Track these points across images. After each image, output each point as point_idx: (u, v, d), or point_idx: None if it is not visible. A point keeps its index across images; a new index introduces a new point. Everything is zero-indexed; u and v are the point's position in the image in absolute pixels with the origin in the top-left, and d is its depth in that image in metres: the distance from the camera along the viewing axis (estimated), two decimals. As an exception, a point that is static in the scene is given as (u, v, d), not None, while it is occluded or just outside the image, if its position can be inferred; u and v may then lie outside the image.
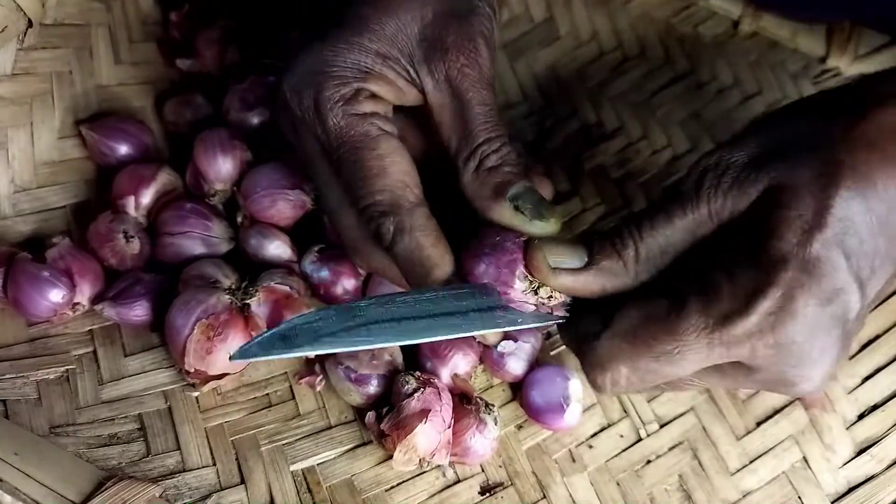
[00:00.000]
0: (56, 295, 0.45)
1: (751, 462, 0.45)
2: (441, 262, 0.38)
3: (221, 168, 0.49)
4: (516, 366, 0.46)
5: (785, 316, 0.33)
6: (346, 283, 0.47)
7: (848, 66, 0.58)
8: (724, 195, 0.35)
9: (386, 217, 0.38)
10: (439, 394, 0.43)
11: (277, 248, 0.48)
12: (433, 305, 0.37)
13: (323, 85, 0.38)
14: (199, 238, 0.48)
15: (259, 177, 0.49)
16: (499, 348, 0.45)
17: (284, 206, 0.48)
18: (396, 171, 0.38)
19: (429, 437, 0.42)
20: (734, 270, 0.34)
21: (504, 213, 0.38)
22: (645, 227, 0.36)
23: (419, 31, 0.39)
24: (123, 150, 0.51)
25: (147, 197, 0.49)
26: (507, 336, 0.45)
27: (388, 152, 0.38)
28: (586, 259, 0.37)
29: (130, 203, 0.48)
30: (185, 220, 0.48)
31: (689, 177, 0.36)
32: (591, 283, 0.37)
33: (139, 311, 0.46)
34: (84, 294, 0.46)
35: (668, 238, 0.36)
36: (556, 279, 0.37)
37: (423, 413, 0.42)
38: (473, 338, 0.45)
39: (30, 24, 0.49)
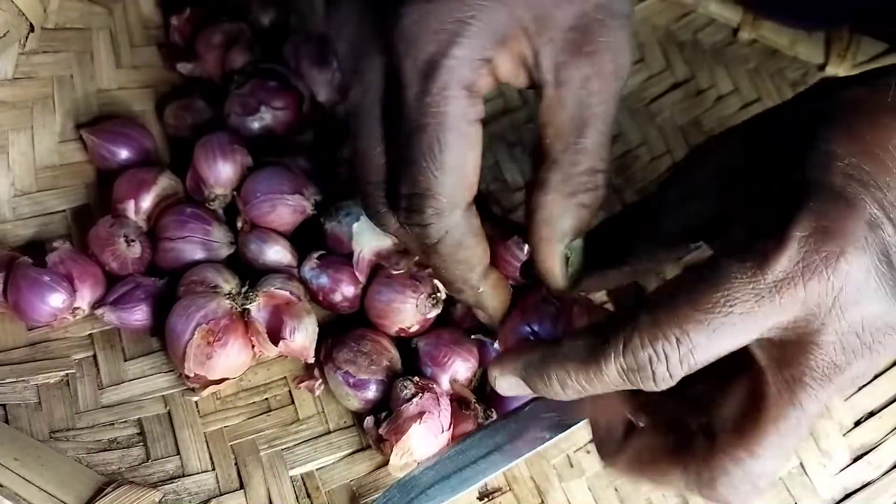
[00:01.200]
0: (56, 300, 0.45)
1: (748, 469, 0.46)
2: (483, 259, 0.38)
3: (221, 173, 0.49)
4: None
5: (828, 238, 0.30)
6: (346, 290, 0.47)
7: (847, 74, 0.58)
8: None
9: (440, 218, 0.35)
10: (438, 399, 0.43)
11: (277, 254, 0.48)
12: (474, 451, 0.40)
13: (454, 41, 0.33)
14: (199, 243, 0.48)
15: (259, 182, 0.49)
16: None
17: (284, 211, 0.48)
18: (472, 169, 0.35)
19: (425, 439, 0.42)
20: (756, 209, 0.31)
21: (553, 256, 0.36)
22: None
23: (575, 16, 0.34)
24: (124, 154, 0.51)
25: (147, 201, 0.49)
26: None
27: (475, 143, 0.35)
28: None
29: (130, 207, 0.49)
30: (186, 224, 0.48)
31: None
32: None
33: (139, 316, 0.46)
34: (84, 299, 0.46)
35: None
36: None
37: (419, 415, 0.42)
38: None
39: (31, 28, 0.49)
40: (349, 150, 0.39)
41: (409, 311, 0.46)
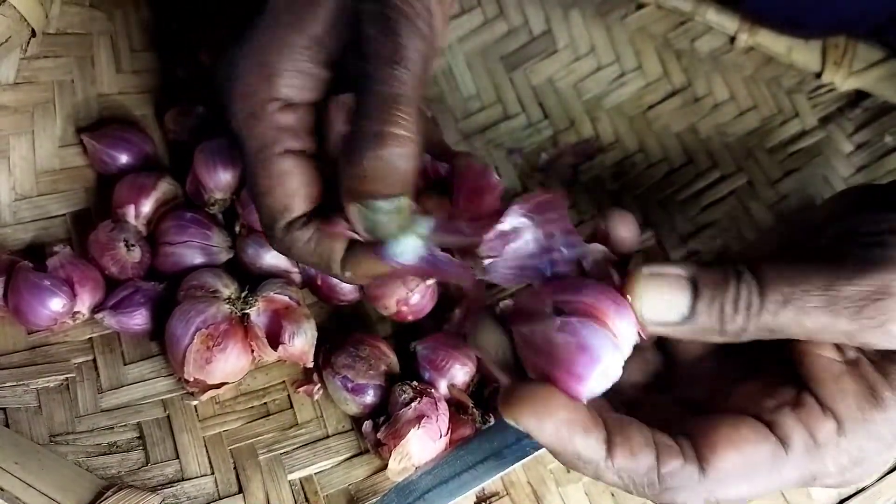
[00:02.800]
0: (57, 304, 0.45)
1: (744, 474, 0.46)
2: (332, 256, 0.38)
3: (221, 178, 0.49)
4: None
5: (874, 468, 0.33)
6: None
7: (843, 82, 0.58)
8: (884, 336, 0.31)
9: (268, 235, 0.39)
10: (436, 403, 0.44)
11: (275, 258, 0.48)
12: (471, 455, 0.41)
13: (233, 90, 0.38)
14: (198, 247, 0.48)
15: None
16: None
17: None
18: (280, 194, 0.38)
19: (423, 444, 0.42)
20: (847, 426, 0.32)
21: (349, 210, 0.36)
22: (768, 307, 0.31)
23: (327, 16, 0.37)
24: (124, 158, 0.51)
25: (147, 206, 0.49)
26: None
27: (279, 174, 0.38)
28: (686, 314, 0.32)
29: (131, 212, 0.49)
30: (186, 229, 0.48)
31: (856, 283, 0.31)
32: (680, 335, 0.33)
33: (139, 320, 0.46)
34: (84, 303, 0.47)
35: (789, 330, 0.32)
36: (647, 330, 0.33)
37: (418, 420, 0.42)
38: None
39: (33, 33, 0.49)
40: None
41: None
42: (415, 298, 0.46)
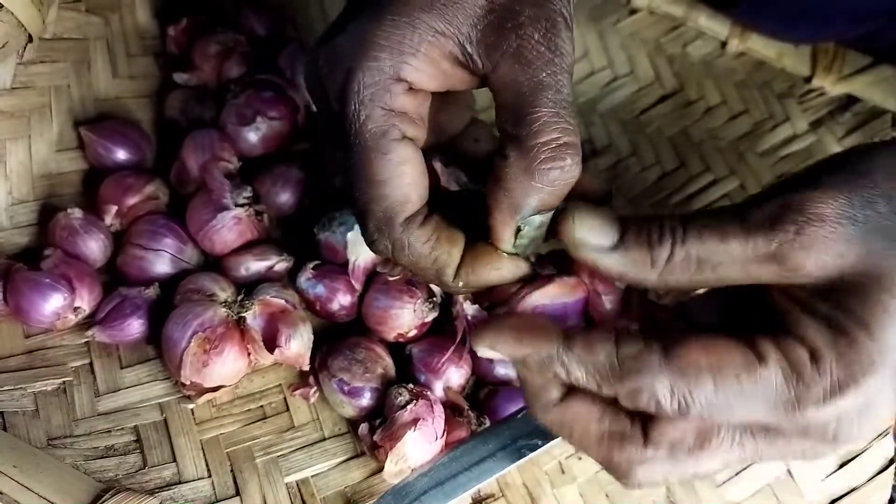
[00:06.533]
0: (58, 299, 0.45)
1: (736, 474, 0.46)
2: (448, 261, 0.37)
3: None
4: None
5: (867, 415, 0.32)
6: (342, 299, 0.48)
7: (833, 86, 0.59)
8: (804, 250, 0.32)
9: (381, 234, 0.37)
10: (432, 406, 0.44)
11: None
12: (467, 457, 0.42)
13: (357, 65, 0.35)
14: (169, 258, 0.48)
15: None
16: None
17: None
18: (400, 184, 0.36)
19: (419, 446, 0.43)
20: (820, 352, 0.32)
21: (505, 227, 0.36)
22: (691, 233, 0.33)
23: (487, 1, 0.35)
24: (119, 153, 0.52)
25: (129, 206, 0.50)
26: None
27: (399, 161, 0.35)
28: (616, 239, 0.34)
29: (112, 212, 0.49)
30: (162, 238, 0.48)
31: (764, 205, 0.33)
32: (611, 266, 0.35)
33: (130, 330, 0.46)
34: (83, 298, 0.47)
35: (714, 256, 0.33)
36: (578, 252, 0.35)
37: (414, 422, 0.43)
38: (464, 346, 0.46)
39: (30, 39, 0.49)
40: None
41: (406, 317, 0.46)
42: (412, 333, 0.47)
